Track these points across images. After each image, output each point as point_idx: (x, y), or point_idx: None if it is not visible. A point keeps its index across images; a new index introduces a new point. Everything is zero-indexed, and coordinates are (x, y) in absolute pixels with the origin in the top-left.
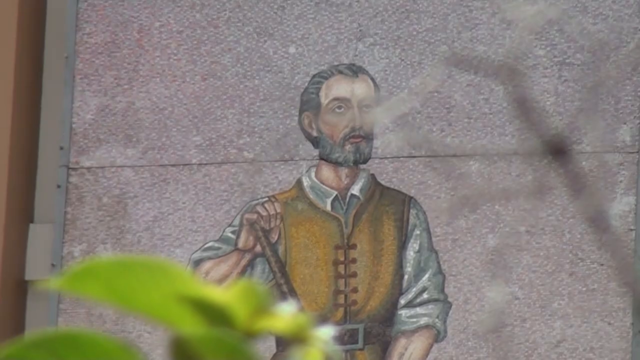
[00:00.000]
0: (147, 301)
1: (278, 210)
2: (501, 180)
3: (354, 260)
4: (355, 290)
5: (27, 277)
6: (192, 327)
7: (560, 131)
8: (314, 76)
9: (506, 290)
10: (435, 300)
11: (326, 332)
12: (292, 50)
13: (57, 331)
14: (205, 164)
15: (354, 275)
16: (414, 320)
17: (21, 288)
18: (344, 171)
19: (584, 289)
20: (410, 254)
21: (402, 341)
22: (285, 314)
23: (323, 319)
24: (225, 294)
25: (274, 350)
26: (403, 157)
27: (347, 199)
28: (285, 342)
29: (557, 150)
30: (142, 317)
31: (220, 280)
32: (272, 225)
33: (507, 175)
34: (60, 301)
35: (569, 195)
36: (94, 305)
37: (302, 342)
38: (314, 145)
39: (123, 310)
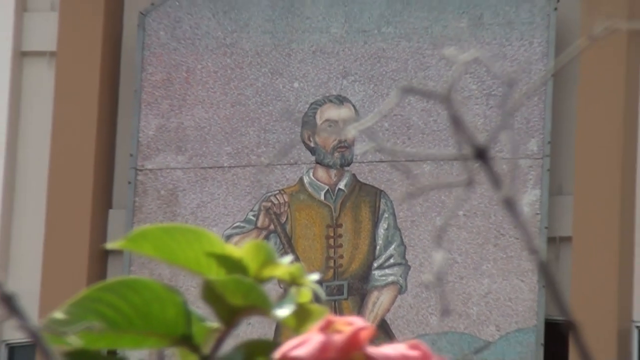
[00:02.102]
0: (184, 256)
1: (286, 200)
2: (445, 178)
3: (340, 236)
4: (341, 257)
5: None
6: (216, 274)
7: (487, 143)
8: (311, 104)
9: (449, 257)
10: (399, 264)
11: (313, 278)
12: (296, 85)
13: (120, 278)
14: (234, 167)
15: (340, 246)
16: (384, 278)
17: (104, 257)
18: (333, 172)
19: (505, 256)
20: (381, 231)
21: (375, 294)
22: (285, 265)
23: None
24: (241, 250)
25: None
26: (375, 161)
27: (336, 192)
28: (285, 285)
29: (485, 157)
30: (181, 268)
31: None
32: (282, 210)
33: (450, 174)
34: (131, 264)
35: (493, 189)
36: (155, 268)
37: (297, 284)
38: (311, 153)
39: (167, 263)
